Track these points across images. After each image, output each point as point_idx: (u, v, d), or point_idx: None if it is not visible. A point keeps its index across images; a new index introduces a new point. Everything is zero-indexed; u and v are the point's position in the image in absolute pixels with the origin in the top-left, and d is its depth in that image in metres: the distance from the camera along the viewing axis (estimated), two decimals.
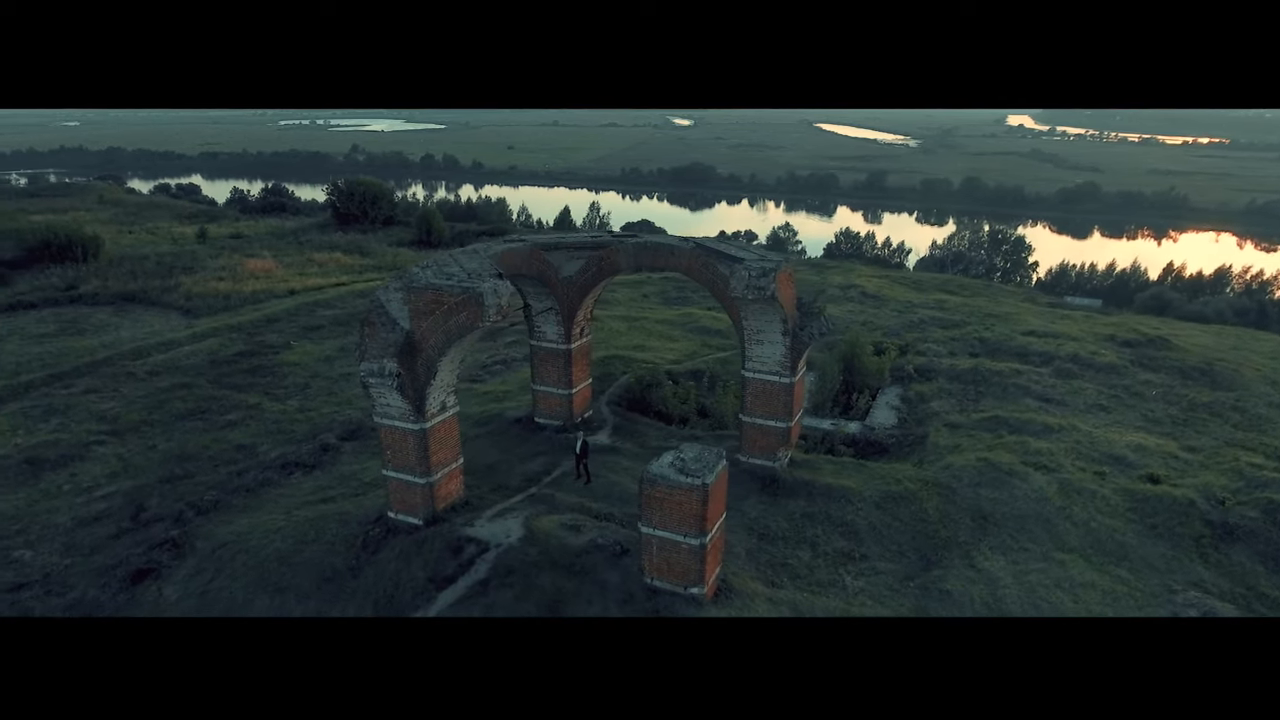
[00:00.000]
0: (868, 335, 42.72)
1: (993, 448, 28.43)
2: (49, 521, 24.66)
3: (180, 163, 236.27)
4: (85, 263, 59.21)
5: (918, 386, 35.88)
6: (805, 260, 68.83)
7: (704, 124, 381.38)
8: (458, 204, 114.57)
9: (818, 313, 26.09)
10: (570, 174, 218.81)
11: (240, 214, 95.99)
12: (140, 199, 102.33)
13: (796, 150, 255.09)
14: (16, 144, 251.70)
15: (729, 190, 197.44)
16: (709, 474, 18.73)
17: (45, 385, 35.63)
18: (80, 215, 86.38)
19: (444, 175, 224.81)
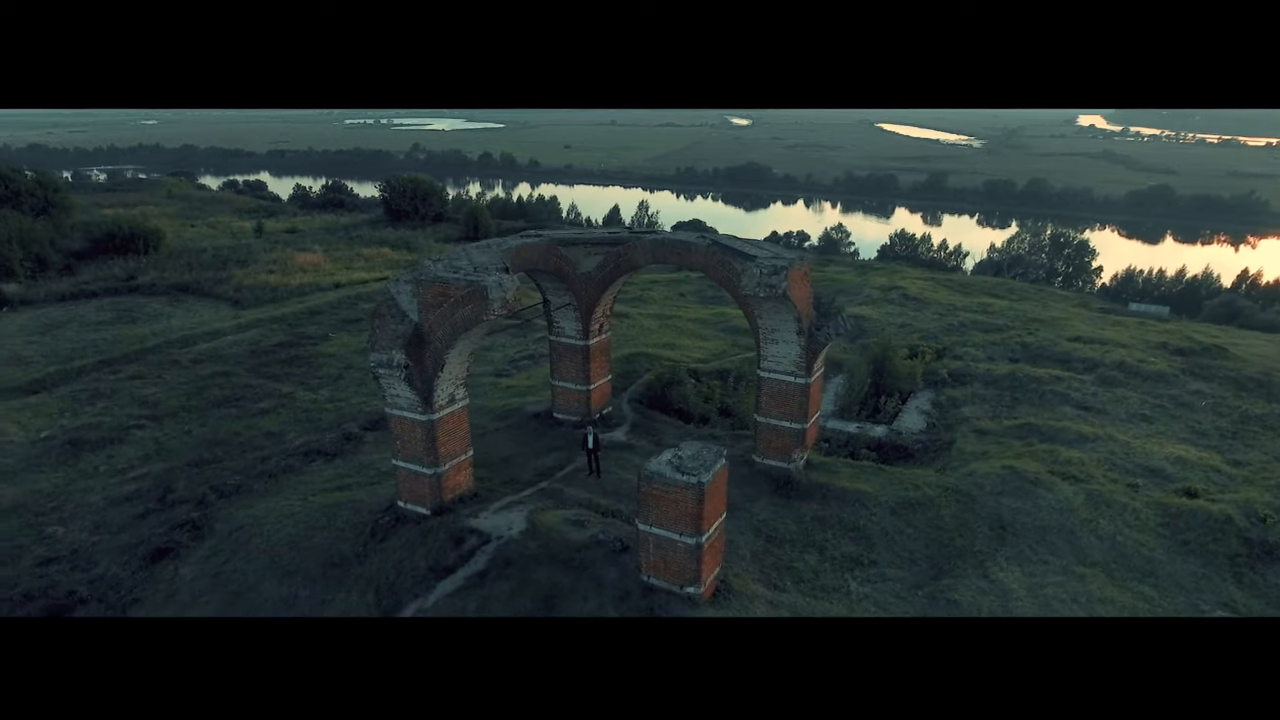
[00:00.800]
0: (904, 338, 41.78)
1: (1020, 455, 27.50)
2: (83, 500, 25.72)
3: (249, 160, 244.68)
4: (146, 254, 61.71)
5: (950, 391, 34.91)
6: (850, 261, 67.72)
7: (762, 124, 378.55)
8: (509, 202, 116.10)
9: (836, 312, 25.59)
10: (625, 173, 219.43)
11: (299, 210, 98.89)
12: (205, 194, 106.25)
13: (855, 150, 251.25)
14: (99, 141, 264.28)
15: (784, 190, 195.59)
16: (705, 473, 18.51)
17: (95, 370, 37.21)
18: (148, 209, 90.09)
19: (501, 174, 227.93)
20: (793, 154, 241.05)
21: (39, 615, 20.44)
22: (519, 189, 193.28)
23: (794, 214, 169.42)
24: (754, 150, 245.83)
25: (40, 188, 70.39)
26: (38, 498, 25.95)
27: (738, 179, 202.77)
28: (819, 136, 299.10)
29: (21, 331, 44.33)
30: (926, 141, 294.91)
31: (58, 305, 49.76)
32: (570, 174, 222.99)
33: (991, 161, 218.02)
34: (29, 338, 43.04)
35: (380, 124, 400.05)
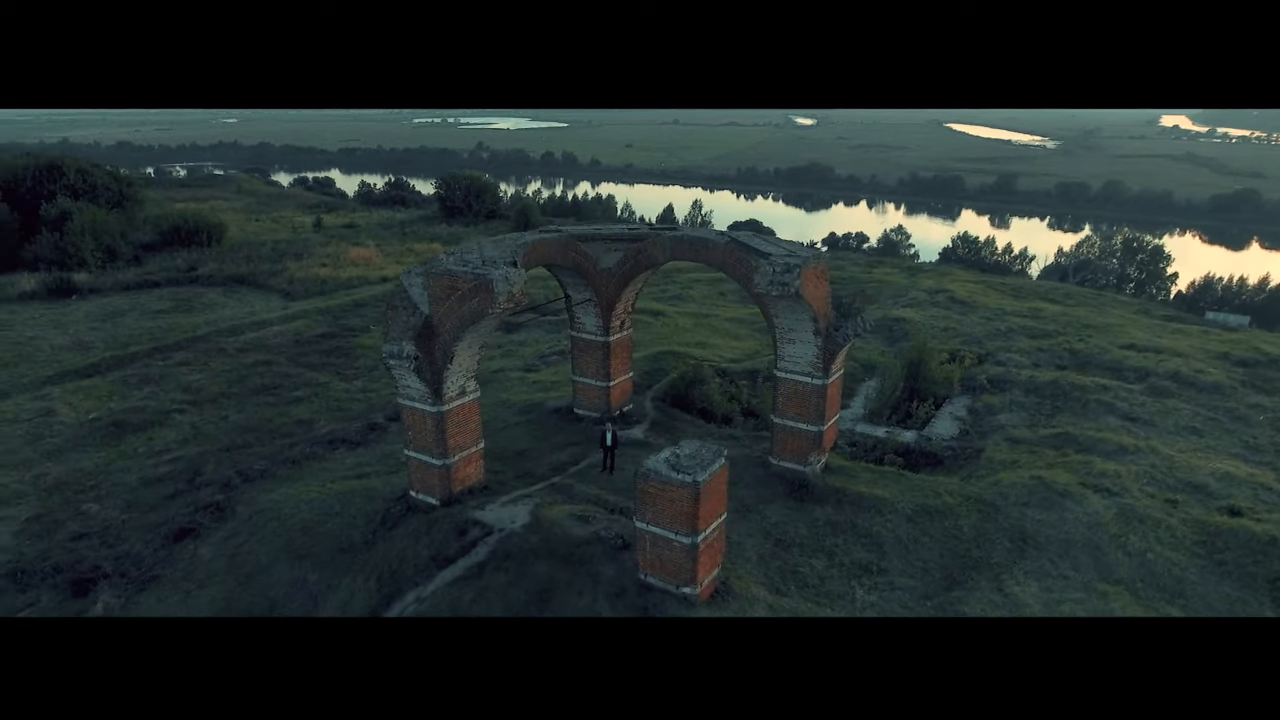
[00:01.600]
0: (946, 342, 40.63)
1: (1052, 466, 26.41)
2: (119, 480, 26.84)
3: (321, 157, 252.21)
4: (209, 247, 64.16)
5: (988, 398, 33.75)
6: (899, 263, 66.08)
7: (826, 123, 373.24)
8: (564, 200, 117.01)
9: (855, 313, 24.96)
10: (685, 173, 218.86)
11: (359, 206, 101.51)
12: (273, 190, 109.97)
13: (922, 151, 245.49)
14: (182, 139, 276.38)
15: (847, 191, 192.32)
16: (702, 472, 18.26)
17: (147, 356, 38.82)
18: (218, 204, 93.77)
19: (563, 172, 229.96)
20: (857, 154, 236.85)
21: (65, 585, 21.42)
22: (579, 187, 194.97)
23: (856, 215, 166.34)
24: (817, 150, 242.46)
25: (116, 182, 73.77)
26: (79, 476, 27.17)
27: (799, 179, 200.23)
28: (884, 137, 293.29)
29: (87, 318, 46.56)
30: (997, 142, 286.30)
31: (122, 294, 52.12)
32: (630, 173, 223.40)
33: (1065, 163, 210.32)
34: (93, 324, 45.18)
35: (447, 123, 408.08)
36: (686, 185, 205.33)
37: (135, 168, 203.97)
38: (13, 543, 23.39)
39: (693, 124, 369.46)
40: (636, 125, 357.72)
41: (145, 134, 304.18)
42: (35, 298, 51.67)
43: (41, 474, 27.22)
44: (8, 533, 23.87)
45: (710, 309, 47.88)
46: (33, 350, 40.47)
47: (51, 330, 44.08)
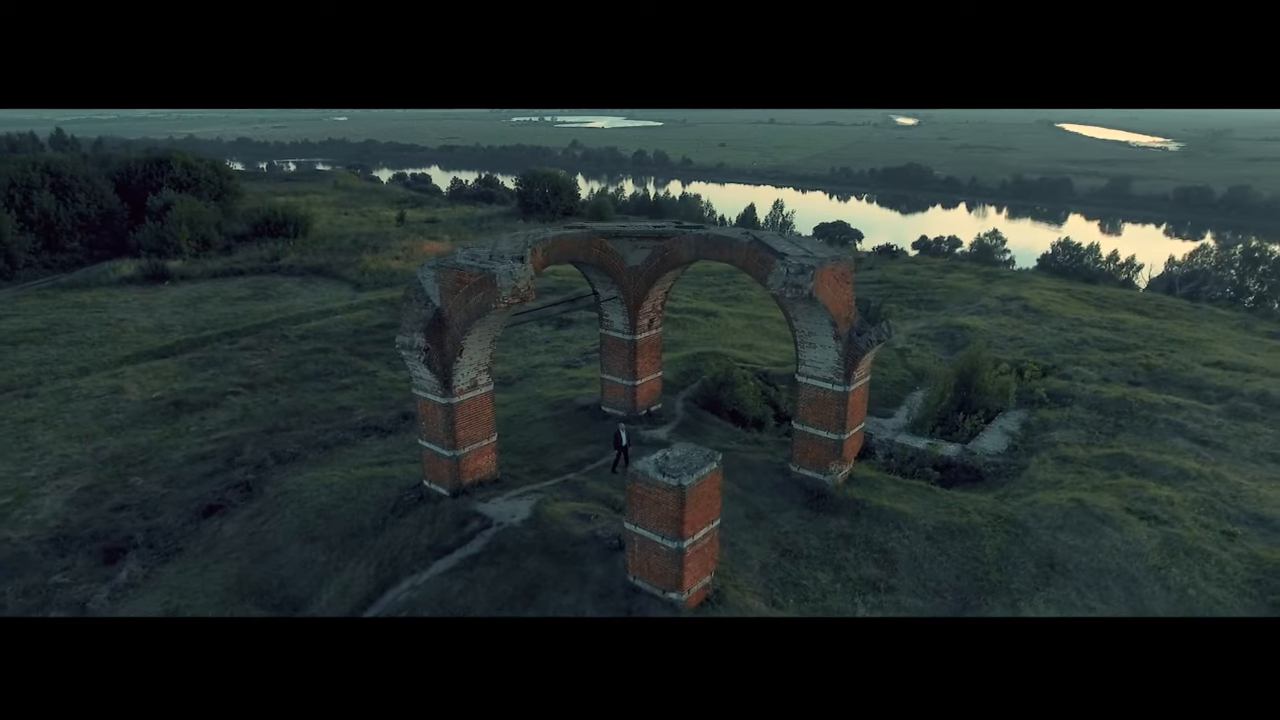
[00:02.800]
0: (1010, 352, 38.57)
1: (1097, 488, 24.64)
2: (167, 456, 28.37)
3: (422, 154, 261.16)
4: (294, 239, 67.24)
5: (1045, 413, 31.83)
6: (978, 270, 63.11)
7: (929, 123, 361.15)
8: (645, 199, 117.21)
9: (882, 318, 23.92)
10: (777, 172, 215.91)
11: (445, 201, 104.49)
12: (366, 185, 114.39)
13: (1030, 152, 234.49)
14: (295, 136, 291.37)
15: (945, 193, 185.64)
16: (688, 476, 17.83)
17: (218, 341, 40.97)
18: (313, 198, 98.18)
19: (654, 171, 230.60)
20: (959, 155, 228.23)
21: (99, 552, 22.79)
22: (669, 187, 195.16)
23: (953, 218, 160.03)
24: (917, 151, 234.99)
25: (217, 175, 78.26)
26: (133, 451, 28.87)
27: (895, 180, 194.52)
28: (990, 137, 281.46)
29: (173, 303, 49.55)
30: (1112, 143, 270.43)
31: (210, 281, 55.26)
32: (722, 173, 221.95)
33: (1188, 166, 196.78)
34: (177, 309, 48.04)
35: (544, 121, 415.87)
36: (778, 185, 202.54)
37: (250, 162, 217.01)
38: (63, 510, 25.04)
39: (789, 123, 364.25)
40: (731, 124, 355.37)
41: (262, 131, 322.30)
42: (133, 282, 55.37)
43: (101, 447, 29.06)
44: (61, 500, 25.57)
45: (765, 310, 46.93)
46: (119, 331, 43.34)
47: (140, 313, 47.12)
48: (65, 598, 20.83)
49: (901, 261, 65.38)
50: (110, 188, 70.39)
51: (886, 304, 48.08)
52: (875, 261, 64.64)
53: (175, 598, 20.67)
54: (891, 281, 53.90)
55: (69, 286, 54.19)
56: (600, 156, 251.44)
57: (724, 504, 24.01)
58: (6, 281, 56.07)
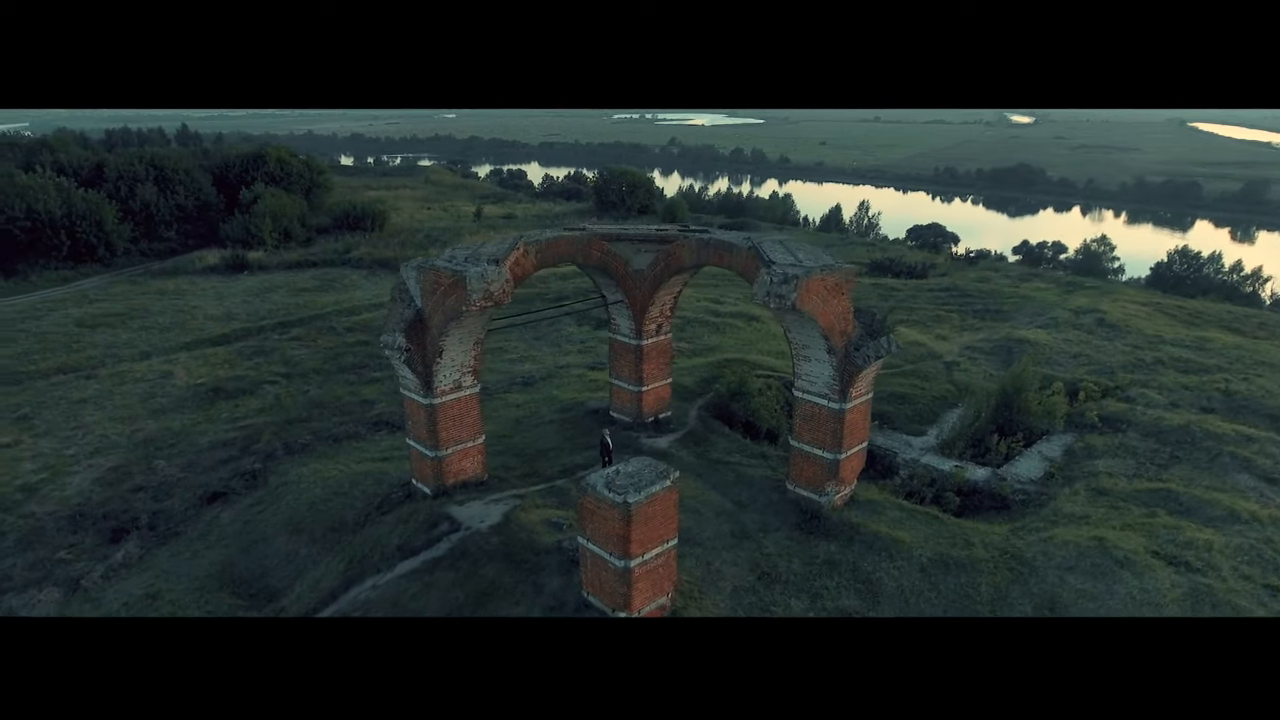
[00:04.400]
0: (1071, 370, 35.75)
1: (1126, 527, 22.40)
2: (193, 441, 29.63)
3: (523, 151, 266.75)
4: (370, 232, 69.56)
5: (1094, 438, 29.28)
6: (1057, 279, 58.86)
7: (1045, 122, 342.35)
8: (730, 197, 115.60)
9: (885, 331, 22.41)
10: (878, 172, 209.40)
11: (529, 197, 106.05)
12: (454, 181, 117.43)
13: (1156, 153, 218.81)
14: (405, 132, 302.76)
15: (1058, 196, 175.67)
16: (635, 493, 17.11)
17: (272, 330, 42.69)
18: (402, 192, 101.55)
19: (750, 169, 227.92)
20: (1075, 156, 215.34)
21: (107, 531, 23.94)
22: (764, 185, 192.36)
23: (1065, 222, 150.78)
24: (1030, 151, 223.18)
25: (309, 170, 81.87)
26: (165, 434, 30.31)
27: (1003, 182, 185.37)
28: (1113, 136, 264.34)
29: (244, 293, 52.03)
30: (1252, 144, 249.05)
31: (283, 272, 57.75)
32: (820, 171, 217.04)
33: None
34: (246, 299, 50.40)
35: (644, 119, 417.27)
36: (878, 185, 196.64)
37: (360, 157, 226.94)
38: (89, 488, 26.49)
39: (894, 121, 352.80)
40: (834, 122, 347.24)
41: (376, 127, 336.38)
42: (215, 271, 58.52)
43: (138, 429, 30.64)
44: (90, 479, 27.06)
45: None
46: (188, 318, 45.79)
47: (212, 301, 49.68)
48: (64, 573, 21.95)
49: (978, 268, 61.88)
50: (208, 180, 74.72)
51: (948, 313, 45.60)
52: (949, 267, 61.42)
53: (159, 581, 21.46)
54: (959, 289, 51.00)
55: (158, 274, 57.77)
56: (697, 154, 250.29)
57: (710, 520, 23.25)
58: (105, 267, 60.28)
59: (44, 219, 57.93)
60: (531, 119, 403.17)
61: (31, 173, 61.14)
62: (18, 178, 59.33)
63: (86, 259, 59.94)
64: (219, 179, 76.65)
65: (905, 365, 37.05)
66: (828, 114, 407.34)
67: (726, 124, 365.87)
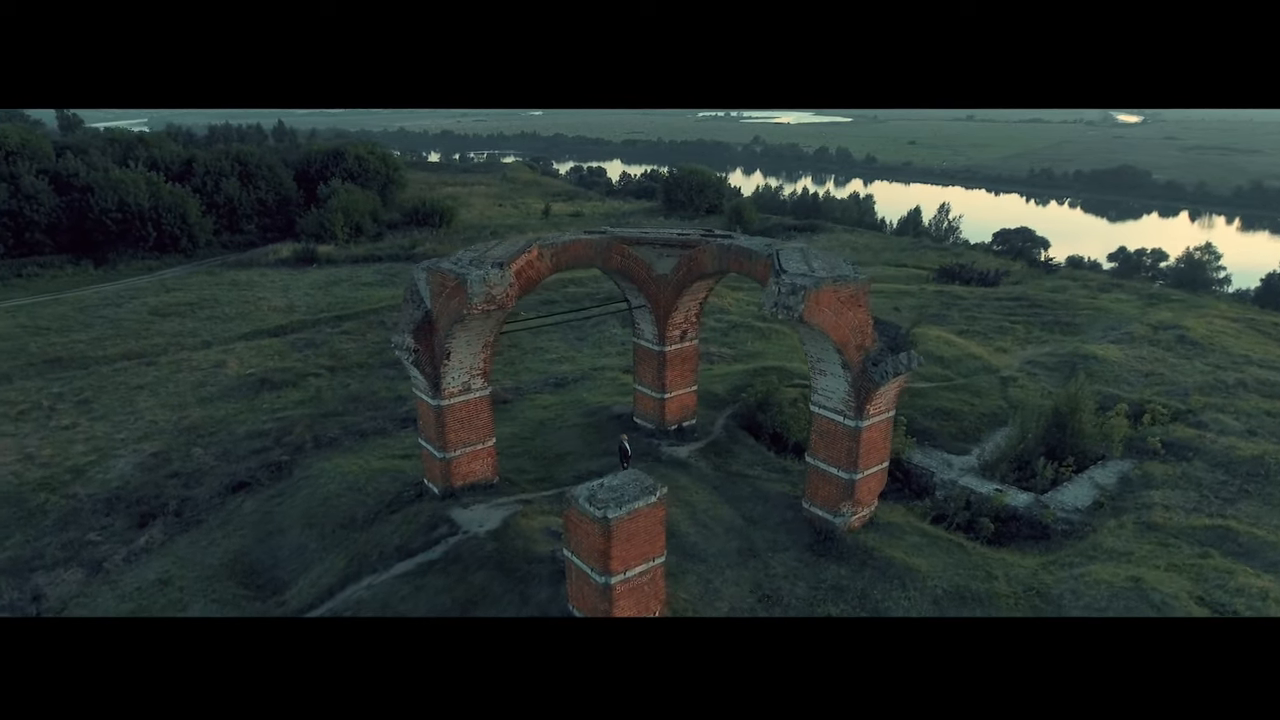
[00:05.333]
0: (1139, 390, 33.26)
1: (1171, 568, 20.52)
2: (232, 430, 30.58)
3: (605, 148, 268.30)
4: (437, 228, 70.90)
5: (1153, 466, 27.09)
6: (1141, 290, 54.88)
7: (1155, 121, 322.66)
8: (806, 198, 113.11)
9: (907, 346, 21.14)
10: (969, 173, 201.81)
11: (601, 195, 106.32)
12: (529, 178, 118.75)
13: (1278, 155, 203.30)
14: (493, 129, 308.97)
15: (1164, 200, 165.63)
16: (616, 508, 16.58)
17: (326, 324, 43.85)
18: (476, 189, 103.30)
19: (834, 169, 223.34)
20: (1187, 157, 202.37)
21: (137, 515, 24.87)
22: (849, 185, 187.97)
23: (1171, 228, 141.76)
24: (1136, 152, 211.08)
25: (384, 166, 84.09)
26: (208, 422, 31.40)
27: (1104, 184, 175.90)
28: (1230, 138, 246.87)
29: (309, 285, 53.71)
30: None
31: (349, 266, 59.41)
32: (907, 172, 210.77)
33: None
34: (309, 291, 52.01)
35: (729, 117, 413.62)
36: (968, 186, 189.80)
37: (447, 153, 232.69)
38: (129, 472, 27.63)
39: (989, 120, 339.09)
40: (924, 121, 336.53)
41: (465, 124, 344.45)
42: (286, 264, 60.68)
43: (185, 417, 31.85)
44: (132, 464, 28.23)
45: None
46: (252, 309, 47.53)
47: (278, 293, 51.46)
48: (90, 555, 22.89)
49: (1055, 276, 58.49)
50: (290, 176, 77.63)
51: (1014, 324, 43.26)
52: (1024, 275, 58.32)
53: (174, 567, 22.11)
54: (1030, 299, 48.25)
55: (233, 265, 60.30)
56: (780, 153, 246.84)
57: (718, 536, 22.48)
58: (187, 258, 63.31)
59: (133, 211, 61.26)
60: (615, 116, 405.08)
61: (125, 168, 64.74)
62: (112, 172, 62.93)
63: (170, 249, 63.12)
64: (300, 174, 79.55)
65: (957, 379, 35.22)
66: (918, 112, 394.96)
67: (812, 122, 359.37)
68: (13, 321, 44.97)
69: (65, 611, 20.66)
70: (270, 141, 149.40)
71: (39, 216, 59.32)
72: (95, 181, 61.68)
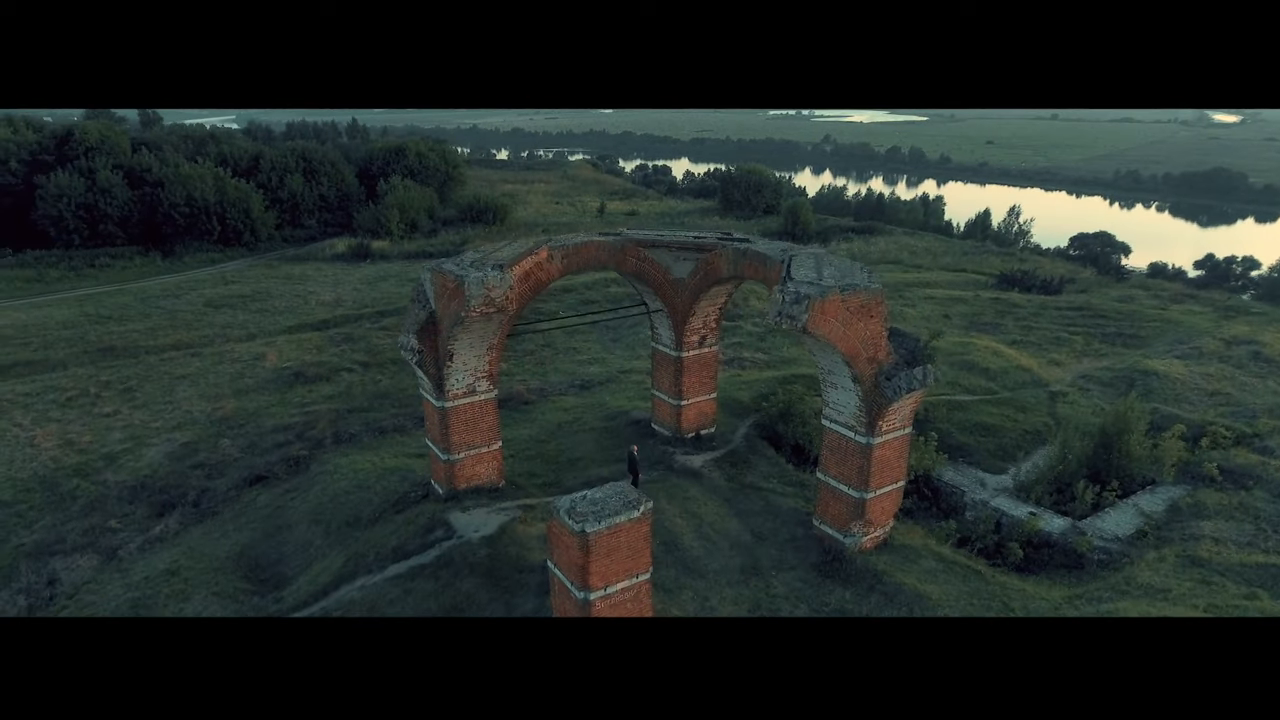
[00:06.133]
0: (1202, 411, 31.00)
1: (1211, 608, 18.83)
2: (260, 423, 31.14)
3: (673, 146, 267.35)
4: (490, 226, 71.49)
5: (1208, 494, 25.12)
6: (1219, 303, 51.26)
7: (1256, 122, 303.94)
8: (867, 198, 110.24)
9: (924, 361, 19.96)
10: (1048, 174, 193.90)
11: (661, 194, 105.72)
12: (590, 176, 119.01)
13: None
14: (563, 127, 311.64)
15: (1263, 205, 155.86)
16: (595, 522, 16.02)
17: (366, 319, 44.49)
18: (536, 186, 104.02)
19: (907, 169, 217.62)
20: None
21: (156, 506, 25.47)
22: (921, 186, 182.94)
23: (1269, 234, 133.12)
24: (1231, 154, 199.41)
25: (445, 163, 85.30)
26: (240, 414, 32.07)
27: (1196, 187, 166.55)
28: None
29: (359, 280, 54.69)
30: None
31: (400, 262, 60.30)
32: (983, 173, 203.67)
33: None
34: (357, 286, 52.94)
35: (799, 115, 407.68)
36: (1048, 188, 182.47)
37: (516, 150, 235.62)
38: (159, 461, 28.37)
39: (1073, 119, 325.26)
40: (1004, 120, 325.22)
41: (535, 122, 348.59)
42: (341, 259, 62.00)
43: (219, 408, 32.61)
44: (163, 453, 29.00)
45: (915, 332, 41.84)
46: (301, 303, 48.62)
47: (327, 287, 52.54)
48: (108, 542, 23.51)
49: (1125, 284, 55.32)
50: (352, 172, 79.46)
51: (1072, 335, 41.01)
52: (1090, 283, 55.32)
53: (184, 558, 22.50)
54: (1093, 309, 45.63)
55: (291, 259, 61.92)
56: (851, 152, 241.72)
57: (722, 551, 21.71)
58: (249, 251, 65.32)
59: (200, 205, 63.54)
60: (685, 114, 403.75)
61: (194, 163, 67.21)
62: (182, 168, 65.37)
63: (234, 243, 65.25)
64: (363, 171, 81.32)
65: (1001, 392, 33.47)
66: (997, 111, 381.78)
67: (886, 121, 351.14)
68: (79, 310, 47.05)
69: (76, 596, 21.22)
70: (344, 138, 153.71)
71: (112, 209, 62.08)
72: (166, 176, 64.18)
